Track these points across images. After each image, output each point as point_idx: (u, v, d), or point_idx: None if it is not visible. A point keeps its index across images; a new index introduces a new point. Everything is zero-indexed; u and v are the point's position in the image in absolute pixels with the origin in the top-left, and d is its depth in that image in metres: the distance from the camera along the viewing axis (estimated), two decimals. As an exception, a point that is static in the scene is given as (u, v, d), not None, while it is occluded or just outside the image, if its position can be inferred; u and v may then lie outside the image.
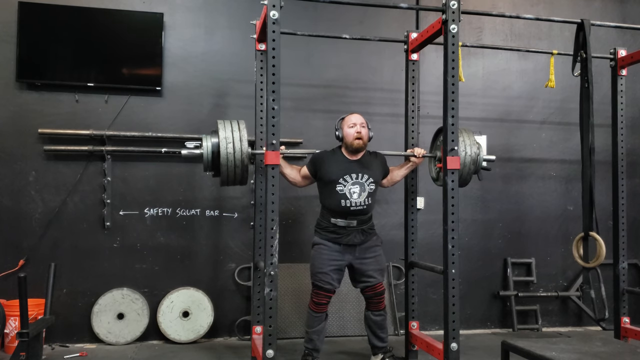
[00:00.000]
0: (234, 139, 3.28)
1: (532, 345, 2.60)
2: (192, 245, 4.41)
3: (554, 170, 5.09)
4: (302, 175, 3.66)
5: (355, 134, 3.54)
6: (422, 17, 4.78)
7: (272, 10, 3.02)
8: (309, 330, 3.56)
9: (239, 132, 3.31)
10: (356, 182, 3.53)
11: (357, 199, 3.52)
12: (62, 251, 4.21)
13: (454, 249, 3.24)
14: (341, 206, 3.51)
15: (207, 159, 3.32)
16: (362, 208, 3.54)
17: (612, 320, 4.18)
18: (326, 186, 3.57)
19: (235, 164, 3.29)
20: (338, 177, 3.52)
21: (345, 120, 3.61)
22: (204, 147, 3.32)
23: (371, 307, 3.63)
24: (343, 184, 3.52)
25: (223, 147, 3.26)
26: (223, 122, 3.35)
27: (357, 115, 3.62)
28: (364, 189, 3.54)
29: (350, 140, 3.55)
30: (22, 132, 4.19)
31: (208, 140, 3.33)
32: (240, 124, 3.35)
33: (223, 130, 3.30)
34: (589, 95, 3.78)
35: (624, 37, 5.15)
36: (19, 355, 3.17)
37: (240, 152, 3.28)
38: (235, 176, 3.34)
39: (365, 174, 3.55)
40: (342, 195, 3.51)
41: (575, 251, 3.92)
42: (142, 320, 4.23)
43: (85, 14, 4.21)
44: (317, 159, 3.61)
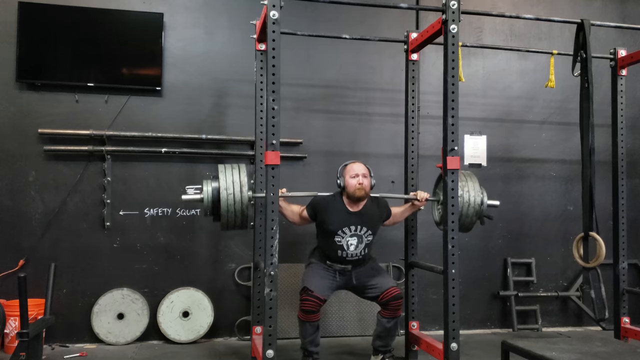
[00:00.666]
0: (234, 184, 3.26)
1: (532, 345, 2.60)
2: (192, 245, 4.41)
3: (554, 170, 5.09)
4: (302, 216, 3.64)
5: (357, 185, 3.51)
6: (422, 17, 4.78)
7: (272, 10, 3.02)
8: (303, 340, 3.51)
9: (240, 177, 3.28)
10: (354, 234, 3.54)
11: (353, 251, 3.54)
12: (62, 251, 4.21)
13: (454, 249, 3.24)
14: (337, 256, 3.55)
15: (208, 204, 3.31)
16: (357, 258, 3.57)
17: (612, 320, 4.18)
18: (324, 233, 3.58)
19: (235, 209, 3.27)
20: (337, 229, 3.52)
21: (347, 169, 3.58)
22: (204, 192, 3.30)
23: (387, 313, 3.54)
24: (341, 235, 3.52)
25: (223, 193, 3.24)
26: (224, 167, 3.34)
27: (359, 165, 3.58)
28: (361, 240, 3.55)
29: (352, 190, 3.52)
30: (22, 132, 4.19)
31: (208, 185, 3.31)
32: (241, 169, 3.33)
33: (223, 175, 3.28)
34: (589, 95, 3.78)
35: (624, 37, 5.15)
36: (19, 355, 3.16)
37: (240, 198, 3.26)
38: (235, 222, 3.32)
39: (364, 227, 3.55)
40: (340, 246, 3.53)
41: (575, 251, 3.92)
42: (142, 320, 4.23)
43: (85, 14, 4.21)
44: (318, 205, 3.59)
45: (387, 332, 3.59)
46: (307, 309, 3.40)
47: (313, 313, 3.41)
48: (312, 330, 3.46)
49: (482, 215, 3.66)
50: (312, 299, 3.39)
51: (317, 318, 3.45)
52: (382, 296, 3.53)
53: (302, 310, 3.43)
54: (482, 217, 3.68)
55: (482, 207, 3.62)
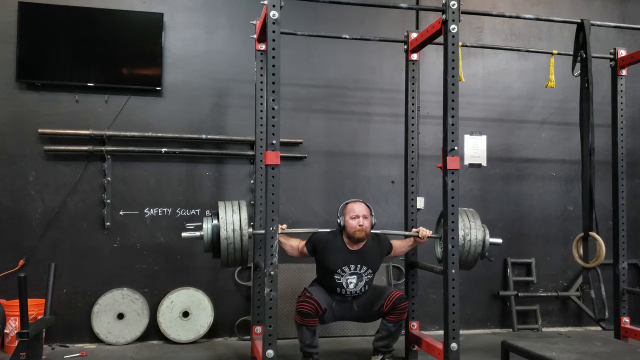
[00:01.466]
0: (234, 223, 3.25)
1: (532, 345, 2.60)
2: (192, 245, 4.40)
3: (554, 170, 5.09)
4: (301, 250, 3.63)
5: (357, 227, 3.49)
6: (422, 17, 4.78)
7: (272, 10, 3.02)
8: (302, 343, 3.51)
9: (240, 216, 3.27)
10: (354, 273, 3.54)
11: (353, 289, 3.55)
12: (62, 251, 4.21)
13: (454, 249, 3.24)
14: (336, 292, 3.56)
15: (207, 242, 3.31)
16: (357, 295, 3.59)
17: (612, 320, 4.18)
18: (323, 270, 3.59)
19: (235, 247, 3.26)
20: (336, 268, 3.51)
21: (347, 210, 3.56)
22: (204, 230, 3.31)
23: (392, 318, 3.54)
24: (341, 274, 3.52)
25: (223, 232, 3.24)
26: (224, 204, 3.33)
27: (360, 205, 3.57)
28: (361, 279, 3.56)
29: (352, 231, 3.51)
30: (22, 132, 4.19)
31: (208, 222, 3.31)
32: (241, 207, 3.32)
33: (223, 212, 3.27)
34: (589, 95, 3.78)
35: (624, 37, 5.15)
36: (19, 355, 3.16)
37: (240, 236, 3.25)
38: (235, 259, 3.32)
39: (364, 265, 3.55)
40: (339, 284, 3.54)
41: (575, 251, 3.92)
42: (142, 320, 4.23)
43: (85, 14, 4.21)
44: (318, 243, 3.58)
45: (391, 335, 3.61)
46: (304, 311, 3.39)
47: (310, 317, 3.40)
48: (309, 334, 3.45)
49: (484, 255, 3.62)
50: (311, 301, 3.39)
51: (315, 323, 3.44)
52: (385, 304, 3.53)
53: (298, 313, 3.42)
54: (484, 256, 3.63)
55: (484, 245, 3.58)
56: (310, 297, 3.41)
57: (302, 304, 3.41)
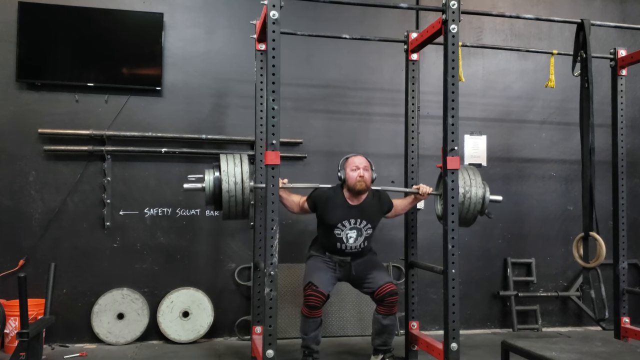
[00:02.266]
0: (235, 174, 3.25)
1: (532, 345, 2.60)
2: (192, 245, 4.41)
3: (554, 170, 5.09)
4: (302, 206, 3.64)
5: (357, 178, 3.51)
6: (422, 17, 4.78)
7: (272, 10, 3.02)
8: (304, 337, 3.52)
9: (241, 166, 3.28)
10: (354, 228, 3.55)
11: (352, 243, 3.56)
12: (62, 251, 4.21)
13: (454, 249, 3.24)
14: (336, 248, 3.57)
15: (209, 193, 3.31)
16: (357, 250, 3.59)
17: (612, 320, 4.18)
18: (324, 226, 3.60)
19: (236, 199, 3.27)
20: (336, 222, 3.53)
21: (348, 162, 3.58)
22: (205, 182, 3.31)
23: (382, 309, 3.56)
24: (341, 228, 3.53)
25: (225, 184, 3.24)
26: (225, 156, 3.34)
27: (360, 158, 3.58)
28: (360, 233, 3.57)
29: (352, 183, 3.52)
30: (22, 132, 4.19)
31: (210, 174, 3.31)
32: (242, 159, 3.33)
33: (225, 164, 3.28)
34: (589, 95, 3.78)
35: (624, 37, 5.15)
36: (19, 355, 3.16)
37: (242, 188, 3.26)
38: (237, 211, 3.32)
39: (364, 220, 3.56)
40: (339, 239, 3.55)
41: (575, 251, 3.92)
42: (142, 320, 4.23)
43: (85, 14, 4.21)
44: (319, 198, 3.59)
45: (385, 330, 3.60)
46: (312, 304, 3.43)
47: (317, 309, 3.45)
48: (314, 326, 3.48)
49: (483, 212, 3.67)
50: (317, 294, 3.42)
51: (320, 314, 3.49)
52: (377, 292, 3.55)
53: (306, 306, 3.45)
54: (483, 213, 3.69)
55: (484, 202, 3.64)
56: (317, 290, 3.43)
57: (310, 297, 3.43)
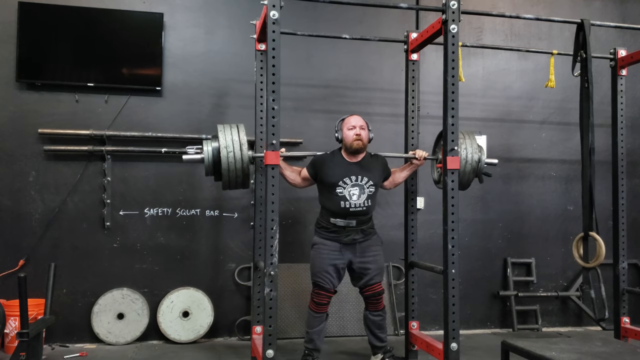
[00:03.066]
0: (234, 143, 3.28)
1: (532, 345, 2.60)
2: (192, 245, 4.41)
3: (554, 170, 5.09)
4: (302, 177, 3.67)
5: (354, 136, 3.54)
6: (422, 17, 4.78)
7: (272, 10, 3.02)
8: (309, 330, 3.57)
9: (239, 136, 3.30)
10: (356, 184, 3.54)
11: (356, 201, 3.53)
12: (62, 251, 4.21)
13: (454, 249, 3.24)
14: (340, 207, 3.53)
15: (208, 163, 3.33)
16: (361, 209, 3.55)
17: (612, 320, 4.18)
18: (326, 188, 3.59)
19: (236, 167, 3.29)
20: (338, 180, 3.53)
21: (344, 122, 3.61)
22: (204, 152, 3.32)
23: (370, 307, 3.64)
24: (343, 186, 3.53)
25: (224, 152, 3.27)
26: (223, 127, 3.35)
27: (356, 117, 3.61)
28: (363, 191, 3.55)
29: (349, 142, 3.55)
30: (22, 132, 4.19)
31: (209, 144, 3.33)
32: (239, 128, 3.35)
33: (223, 134, 3.30)
34: (589, 95, 3.78)
35: (624, 37, 5.15)
36: (19, 355, 3.16)
37: (240, 156, 3.28)
38: (237, 180, 3.35)
39: (364, 177, 3.56)
40: (342, 197, 3.53)
41: (575, 251, 3.92)
42: (142, 320, 4.23)
43: (85, 14, 4.21)
44: (317, 162, 3.62)
45: (377, 326, 3.64)
46: (319, 302, 3.53)
47: (324, 305, 3.54)
48: (320, 321, 3.55)
49: (480, 173, 3.70)
50: (324, 292, 3.52)
51: (326, 309, 3.58)
52: (366, 289, 3.60)
53: (314, 302, 3.54)
54: (480, 175, 3.72)
55: (479, 164, 3.68)
56: (323, 288, 3.51)
57: (318, 296, 3.52)
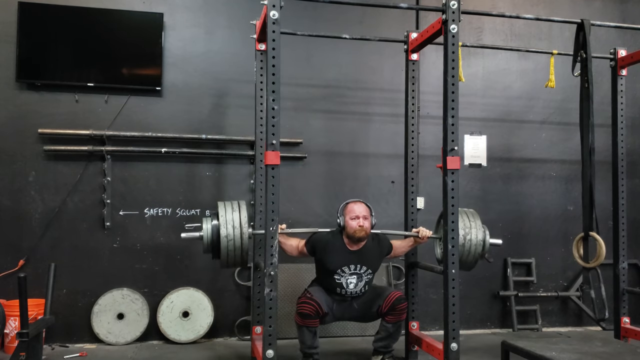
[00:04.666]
0: (234, 224, 3.24)
1: (532, 345, 2.60)
2: (192, 245, 4.40)
3: (554, 170, 5.08)
4: (300, 250, 3.62)
5: (357, 227, 3.49)
6: (422, 17, 4.78)
7: (272, 10, 3.02)
8: (303, 345, 3.50)
9: (240, 216, 3.26)
10: (354, 273, 3.54)
11: (353, 289, 3.55)
12: (62, 251, 4.21)
13: (454, 249, 3.24)
14: (336, 292, 3.56)
15: (207, 242, 3.30)
16: (357, 295, 3.58)
17: (612, 320, 4.18)
18: (323, 271, 3.59)
19: (235, 249, 3.25)
20: (336, 268, 3.51)
21: (347, 210, 3.55)
22: (203, 230, 3.30)
23: (391, 319, 3.54)
24: (341, 274, 3.52)
25: (223, 231, 3.22)
26: (224, 205, 3.32)
27: (360, 205, 3.56)
28: (361, 279, 3.56)
29: (352, 232, 3.51)
30: (22, 132, 4.19)
31: (208, 223, 3.30)
32: (240, 207, 3.31)
33: (223, 212, 3.27)
34: (589, 95, 3.78)
35: (624, 37, 5.15)
36: (19, 355, 3.16)
37: (240, 239, 3.24)
38: (235, 260, 3.31)
39: (364, 265, 3.55)
40: (339, 284, 3.54)
41: (575, 251, 3.92)
42: (142, 320, 4.23)
43: (85, 14, 4.21)
44: (317, 243, 3.57)
45: (390, 335, 3.61)
46: (305, 312, 3.39)
47: (311, 318, 3.40)
48: (310, 335, 3.45)
49: (484, 255, 3.63)
50: (312, 302, 3.39)
51: (316, 324, 3.45)
52: (384, 304, 3.53)
53: (299, 314, 3.43)
54: (484, 256, 3.64)
55: (484, 245, 3.58)
56: (311, 299, 3.41)
57: (302, 305, 3.41)
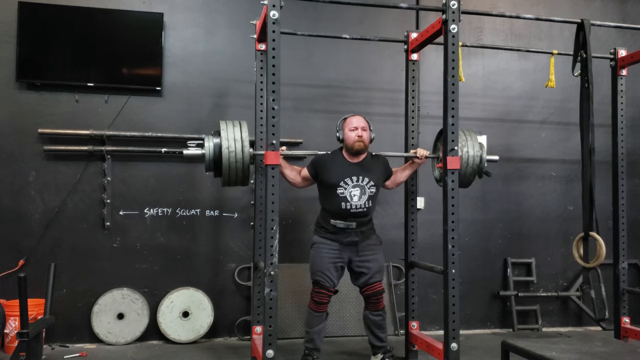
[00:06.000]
0: (235, 139, 3.27)
1: (532, 345, 2.60)
2: (192, 245, 4.41)
3: (554, 170, 5.09)
4: (303, 176, 3.65)
5: (356, 137, 3.52)
6: (422, 17, 4.78)
7: (272, 10, 3.02)
8: (309, 330, 3.57)
9: (241, 132, 3.30)
10: (357, 185, 3.53)
11: (357, 202, 3.53)
12: (62, 251, 4.21)
13: (454, 249, 3.24)
14: (341, 209, 3.52)
15: (209, 159, 3.32)
16: (362, 210, 3.55)
17: (612, 320, 4.18)
18: (327, 189, 3.58)
19: (237, 164, 3.28)
20: (339, 180, 3.52)
21: (346, 122, 3.60)
22: (206, 148, 3.32)
23: (370, 306, 3.63)
24: (344, 186, 3.52)
25: (225, 148, 3.26)
26: (225, 123, 3.34)
27: (358, 118, 3.60)
28: (364, 191, 3.54)
29: (351, 143, 3.54)
30: (22, 132, 4.19)
31: (210, 140, 3.32)
32: (242, 125, 3.34)
33: (225, 130, 3.29)
34: (589, 95, 3.78)
35: (624, 37, 5.15)
36: (19, 355, 3.16)
37: (242, 153, 3.27)
38: (237, 177, 3.34)
39: (366, 177, 3.55)
40: (343, 198, 3.52)
41: (575, 251, 3.92)
42: (142, 320, 4.23)
43: (85, 14, 4.21)
44: (318, 162, 3.60)
45: (374, 325, 3.63)
46: (319, 301, 3.52)
47: (324, 304, 3.54)
48: (320, 320, 3.55)
49: (481, 172, 3.70)
50: (324, 291, 3.52)
51: (326, 308, 3.58)
52: (366, 289, 3.59)
53: (314, 301, 3.53)
54: (481, 173, 3.72)
55: (481, 163, 3.67)
56: (323, 287, 3.51)
57: (318, 294, 3.52)
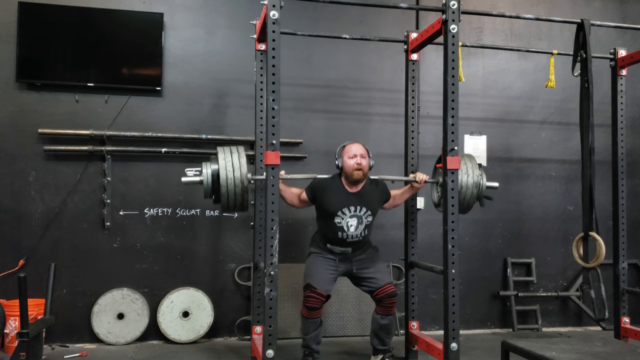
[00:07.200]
0: (234, 166, 3.27)
1: (532, 345, 2.60)
2: (192, 245, 4.41)
3: (554, 170, 5.09)
4: (301, 199, 3.64)
5: (355, 166, 3.51)
6: (422, 17, 4.78)
7: (272, 10, 3.02)
8: (305, 337, 3.53)
9: (239, 158, 3.29)
10: (354, 215, 3.54)
11: (353, 232, 3.54)
12: (62, 251, 4.21)
13: (454, 249, 3.24)
14: (337, 237, 3.55)
15: (207, 186, 3.32)
16: (357, 240, 3.57)
17: (612, 320, 4.18)
18: (324, 215, 3.59)
19: (235, 192, 3.28)
20: (336, 210, 3.52)
21: (345, 150, 3.58)
22: (204, 175, 3.32)
23: (380, 310, 3.57)
24: (341, 216, 3.53)
25: (223, 174, 3.26)
26: (222, 149, 3.35)
27: (357, 145, 3.58)
28: (361, 221, 3.55)
29: (350, 171, 3.52)
30: (22, 132, 4.19)
31: (208, 167, 3.32)
32: (239, 150, 3.34)
33: (222, 157, 3.29)
34: (589, 95, 3.78)
35: (624, 37, 5.15)
36: (19, 355, 3.16)
37: (240, 178, 3.27)
38: (236, 202, 3.33)
39: (363, 207, 3.55)
40: (340, 227, 3.53)
41: (575, 251, 3.92)
42: (142, 320, 4.23)
43: (85, 14, 4.21)
44: (317, 188, 3.60)
45: (382, 329, 3.60)
46: (311, 306, 3.44)
47: (316, 310, 3.45)
48: (314, 326, 3.49)
49: (481, 197, 3.69)
50: (316, 295, 3.42)
51: (320, 314, 3.50)
52: (377, 292, 3.55)
53: (305, 307, 3.46)
54: (481, 199, 3.72)
55: (480, 189, 3.67)
56: (315, 291, 3.43)
57: (308, 299, 3.44)
